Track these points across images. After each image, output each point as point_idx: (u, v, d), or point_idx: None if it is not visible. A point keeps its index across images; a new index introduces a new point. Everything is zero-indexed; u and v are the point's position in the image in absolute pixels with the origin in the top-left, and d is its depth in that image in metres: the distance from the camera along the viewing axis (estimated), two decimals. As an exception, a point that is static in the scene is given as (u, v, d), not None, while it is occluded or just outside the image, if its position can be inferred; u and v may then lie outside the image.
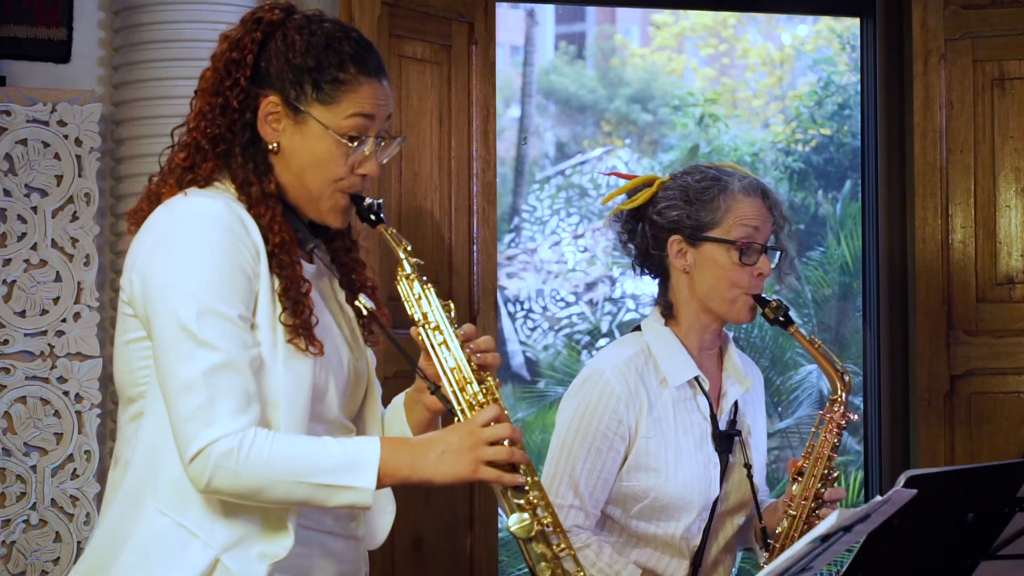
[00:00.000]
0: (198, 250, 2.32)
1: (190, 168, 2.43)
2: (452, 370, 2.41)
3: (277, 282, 2.38)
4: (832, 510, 3.03)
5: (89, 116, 4.14)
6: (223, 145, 2.42)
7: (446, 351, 2.42)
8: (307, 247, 2.47)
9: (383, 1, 4.08)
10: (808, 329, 11.36)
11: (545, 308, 12.84)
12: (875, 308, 4.81)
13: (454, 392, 2.41)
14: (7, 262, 4.08)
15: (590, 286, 13.20)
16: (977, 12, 4.54)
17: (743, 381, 3.23)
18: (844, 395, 3.12)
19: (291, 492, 2.28)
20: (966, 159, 4.52)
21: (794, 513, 3.08)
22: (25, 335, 4.08)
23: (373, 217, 2.46)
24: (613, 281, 12.90)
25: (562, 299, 12.95)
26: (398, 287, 2.46)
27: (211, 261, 2.31)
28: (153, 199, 2.45)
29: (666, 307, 3.23)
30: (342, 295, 2.57)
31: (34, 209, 4.11)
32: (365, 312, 2.51)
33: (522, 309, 12.88)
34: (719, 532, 3.19)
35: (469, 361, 2.41)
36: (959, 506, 2.57)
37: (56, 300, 4.10)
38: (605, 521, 3.22)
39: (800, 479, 3.10)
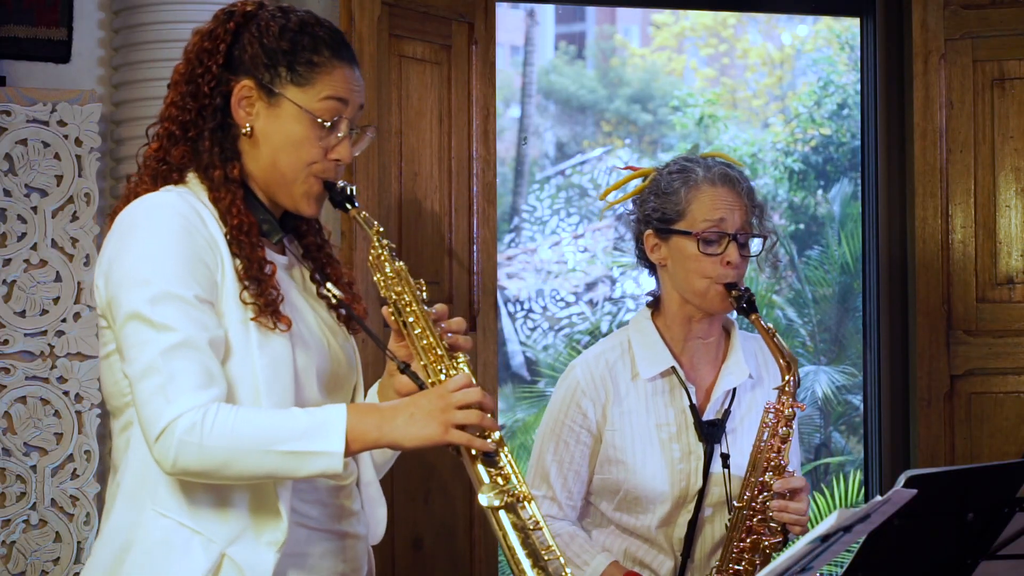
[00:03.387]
0: (151, 238, 2.33)
1: (162, 158, 2.45)
2: (424, 347, 2.41)
3: (239, 264, 2.38)
4: (783, 500, 3.03)
5: (89, 116, 4.14)
6: (193, 130, 2.44)
7: (417, 328, 2.42)
8: (274, 238, 2.47)
9: (383, 1, 4.08)
10: (808, 329, 11.36)
11: (545, 308, 12.85)
12: (875, 308, 4.81)
13: (425, 367, 2.40)
14: (7, 262, 4.08)
15: (590, 286, 13.21)
16: (977, 12, 4.54)
17: (739, 371, 3.23)
18: (791, 385, 3.09)
19: (260, 463, 2.27)
20: (966, 159, 4.52)
21: (738, 504, 3.09)
22: (25, 335, 4.08)
23: (348, 204, 2.46)
24: (613, 281, 12.91)
25: (562, 299, 12.95)
26: (370, 268, 2.46)
27: (164, 246, 2.32)
28: (131, 198, 2.45)
29: (655, 299, 3.26)
30: (316, 288, 2.56)
31: (34, 209, 4.11)
32: (334, 300, 2.52)
33: (522, 309, 12.89)
34: (709, 524, 3.20)
35: (441, 339, 2.41)
36: (959, 506, 2.56)
37: (56, 300, 4.10)
38: (596, 515, 3.26)
39: (753, 470, 3.10)
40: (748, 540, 3.07)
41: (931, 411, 4.50)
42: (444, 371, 2.39)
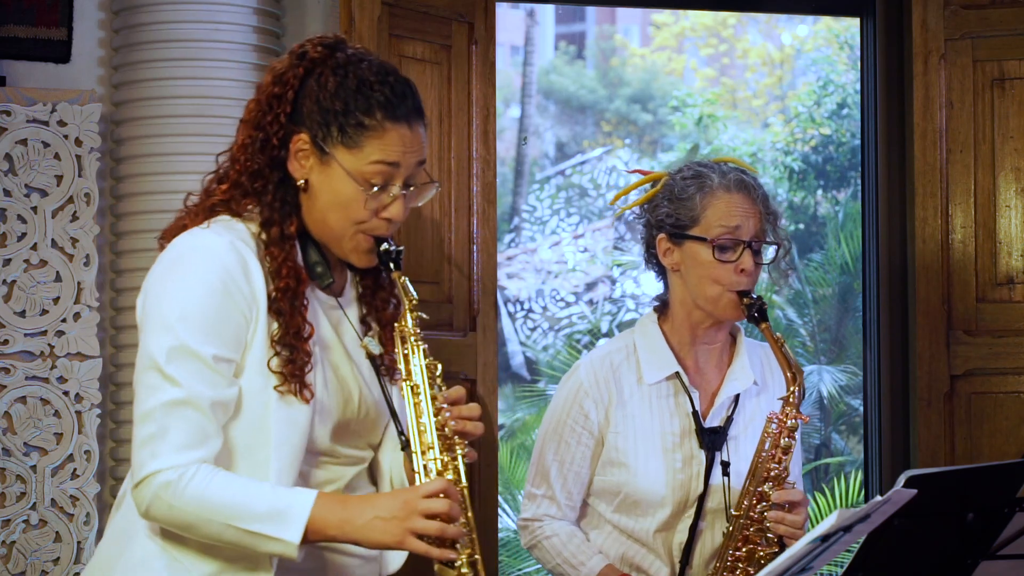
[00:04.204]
0: (188, 285, 2.35)
1: (227, 202, 2.45)
2: (419, 432, 2.38)
3: (275, 326, 2.39)
4: (780, 512, 3.03)
5: (89, 116, 4.14)
6: (260, 181, 2.44)
7: (419, 412, 2.39)
8: (323, 283, 2.48)
9: (383, 1, 4.08)
10: (808, 329, 11.36)
11: (545, 308, 12.84)
12: (875, 308, 4.80)
13: (415, 454, 2.38)
14: (7, 262, 4.08)
15: (590, 286, 13.21)
16: (977, 12, 4.53)
17: (743, 377, 3.22)
18: (796, 396, 3.08)
19: (221, 533, 2.31)
20: (966, 159, 4.52)
21: (735, 513, 3.08)
22: (25, 335, 4.08)
23: (392, 264, 2.45)
24: (613, 281, 12.91)
25: (562, 299, 12.95)
26: (395, 337, 2.44)
27: (198, 298, 2.34)
28: (186, 225, 2.46)
29: (663, 303, 3.25)
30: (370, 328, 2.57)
31: (34, 209, 4.11)
32: (367, 356, 2.51)
33: (522, 309, 12.88)
34: (708, 531, 3.18)
35: (443, 427, 2.38)
36: (959, 506, 2.56)
37: (56, 300, 4.10)
38: (594, 516, 3.26)
39: (752, 478, 3.09)
40: (744, 549, 3.07)
41: (931, 411, 4.49)
42: (428, 465, 2.36)
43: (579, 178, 14.23)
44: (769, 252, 3.19)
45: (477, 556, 2.36)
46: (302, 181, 2.43)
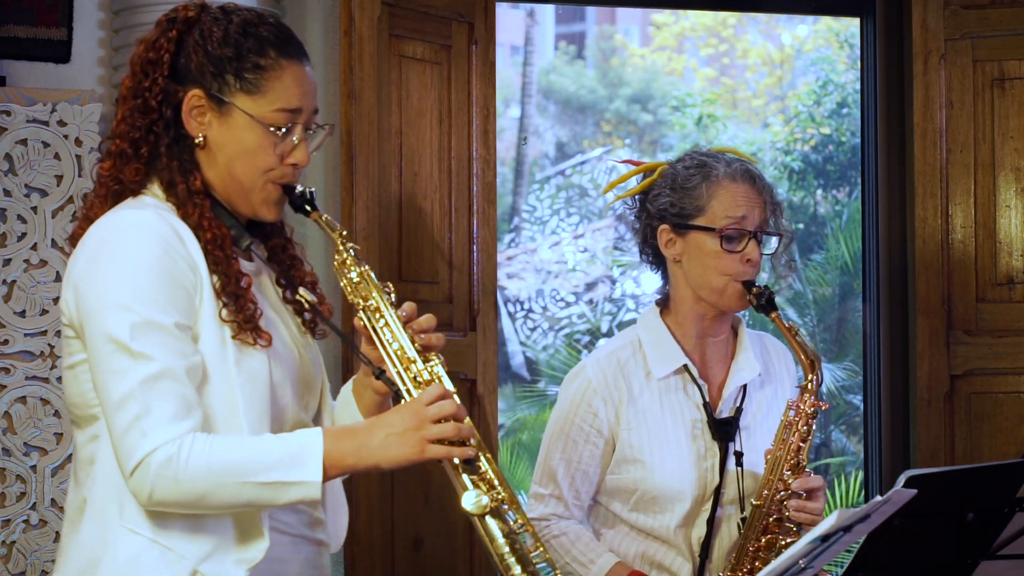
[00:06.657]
0: (130, 261, 2.29)
1: (116, 178, 2.41)
2: (395, 351, 2.38)
3: (216, 280, 2.35)
4: (800, 500, 3.03)
5: (89, 116, 4.14)
6: (145, 147, 2.40)
7: (388, 332, 2.39)
8: (242, 245, 2.44)
9: (383, 1, 4.08)
10: (808, 329, 11.36)
11: (545, 308, 12.85)
12: (875, 308, 4.81)
13: (399, 372, 2.37)
14: (7, 262, 4.08)
15: (590, 286, 13.21)
16: (977, 12, 4.54)
17: (749, 367, 3.21)
18: (814, 383, 3.07)
19: (237, 494, 2.25)
20: (966, 159, 4.52)
21: (757, 502, 3.07)
22: (25, 335, 4.08)
23: (308, 207, 2.43)
24: (613, 281, 12.91)
25: (562, 299, 12.95)
26: (336, 273, 2.43)
27: (144, 272, 2.28)
28: (90, 218, 2.41)
29: (664, 297, 3.24)
30: (282, 292, 2.53)
31: (34, 209, 4.11)
32: (307, 304, 2.49)
33: (522, 309, 12.88)
34: (726, 523, 3.17)
35: (413, 341, 2.38)
36: (959, 506, 2.57)
37: (56, 300, 4.10)
38: (608, 516, 3.23)
39: (772, 468, 3.08)
40: (763, 539, 3.06)
41: (931, 411, 4.49)
42: (417, 378, 2.36)
43: (579, 178, 14.24)
44: (772, 243, 3.17)
45: (489, 455, 2.35)
46: (200, 138, 2.39)
